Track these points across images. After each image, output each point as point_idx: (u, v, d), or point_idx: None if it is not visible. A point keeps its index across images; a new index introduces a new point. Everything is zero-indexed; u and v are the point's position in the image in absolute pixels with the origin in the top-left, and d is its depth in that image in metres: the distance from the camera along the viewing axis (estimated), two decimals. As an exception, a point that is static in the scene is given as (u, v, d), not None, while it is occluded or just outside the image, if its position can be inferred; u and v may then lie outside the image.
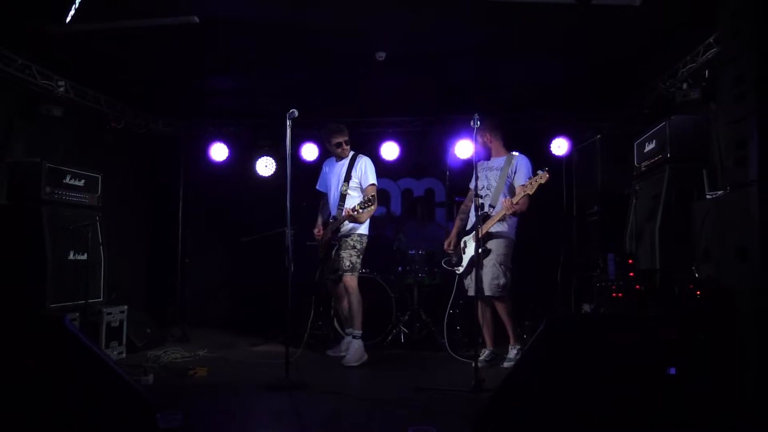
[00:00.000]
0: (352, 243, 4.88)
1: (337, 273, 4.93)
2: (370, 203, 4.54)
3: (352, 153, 5.11)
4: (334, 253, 4.99)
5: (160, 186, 7.32)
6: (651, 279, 4.06)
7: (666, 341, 2.71)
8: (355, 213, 4.56)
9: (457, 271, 4.88)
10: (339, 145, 5.02)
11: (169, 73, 5.64)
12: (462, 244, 4.88)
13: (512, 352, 4.71)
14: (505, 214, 4.54)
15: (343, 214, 4.75)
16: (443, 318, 5.48)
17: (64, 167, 4.73)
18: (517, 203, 4.47)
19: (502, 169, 4.80)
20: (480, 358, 4.77)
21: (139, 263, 6.85)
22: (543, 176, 4.34)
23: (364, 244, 4.98)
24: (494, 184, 4.79)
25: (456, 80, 5.86)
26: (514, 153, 4.89)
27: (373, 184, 4.97)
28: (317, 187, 5.35)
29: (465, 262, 4.81)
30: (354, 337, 4.77)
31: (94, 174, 5.05)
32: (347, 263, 4.83)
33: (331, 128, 5.07)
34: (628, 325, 2.84)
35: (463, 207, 5.12)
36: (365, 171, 4.98)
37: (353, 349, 4.71)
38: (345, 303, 4.98)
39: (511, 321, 4.68)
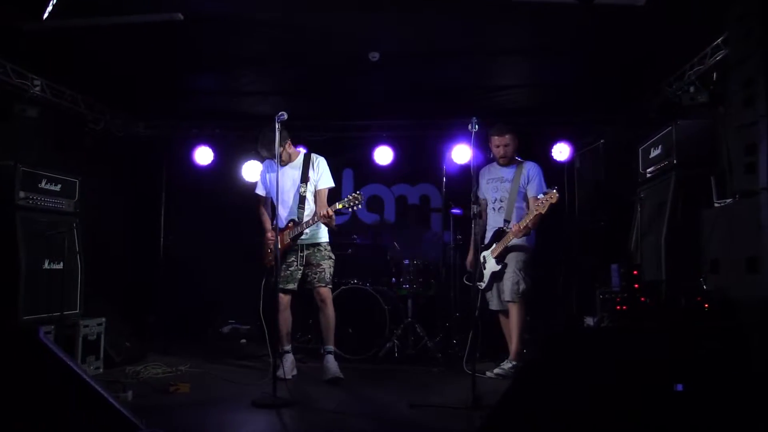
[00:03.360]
0: (327, 253, 4.64)
1: (313, 284, 4.56)
2: (356, 203, 4.28)
3: (304, 152, 4.78)
4: (297, 261, 4.57)
5: (141, 191, 7.10)
6: (657, 291, 3.98)
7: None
8: (331, 217, 4.33)
9: (480, 287, 4.74)
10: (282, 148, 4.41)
11: (151, 72, 5.45)
12: (482, 260, 4.77)
13: (507, 365, 4.61)
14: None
15: (322, 214, 4.36)
16: (439, 331, 5.30)
17: (39, 171, 4.55)
18: (525, 226, 4.42)
19: (512, 180, 4.73)
20: (497, 369, 4.71)
21: (119, 272, 6.62)
22: (553, 195, 4.23)
23: None
24: (507, 196, 4.72)
25: (453, 82, 5.72)
26: (521, 160, 4.80)
27: (331, 188, 4.73)
28: (257, 191, 4.83)
29: (486, 278, 4.74)
30: (330, 352, 4.55)
31: (71, 178, 4.86)
32: (328, 275, 4.60)
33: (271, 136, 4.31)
34: (632, 339, 2.71)
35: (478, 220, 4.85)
36: (325, 171, 4.69)
37: (334, 363, 4.50)
38: (324, 316, 4.64)
39: (520, 332, 4.59)
